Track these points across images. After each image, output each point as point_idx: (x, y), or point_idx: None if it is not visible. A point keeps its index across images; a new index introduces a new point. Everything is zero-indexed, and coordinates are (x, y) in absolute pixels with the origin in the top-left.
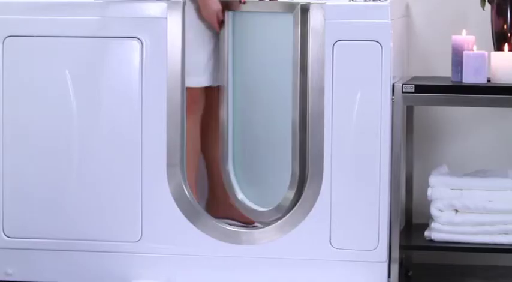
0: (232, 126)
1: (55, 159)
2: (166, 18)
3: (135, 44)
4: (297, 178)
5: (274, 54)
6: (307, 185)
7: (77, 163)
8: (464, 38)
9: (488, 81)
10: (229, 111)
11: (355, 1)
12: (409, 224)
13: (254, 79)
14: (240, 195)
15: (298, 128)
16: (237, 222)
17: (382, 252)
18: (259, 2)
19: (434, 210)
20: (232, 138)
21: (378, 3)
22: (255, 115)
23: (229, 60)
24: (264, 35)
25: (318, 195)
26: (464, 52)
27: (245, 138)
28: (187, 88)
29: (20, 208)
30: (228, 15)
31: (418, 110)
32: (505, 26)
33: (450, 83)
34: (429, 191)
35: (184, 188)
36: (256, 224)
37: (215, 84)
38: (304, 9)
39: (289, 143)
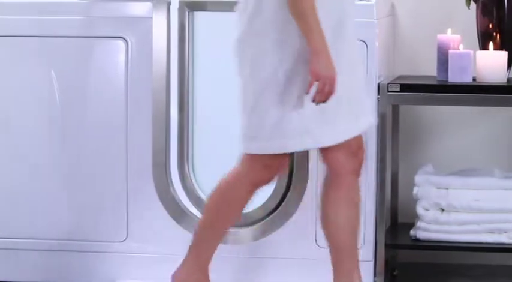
0: (192, 129)
1: (40, 159)
2: (152, 17)
3: (120, 43)
4: (283, 177)
5: None
6: (292, 183)
7: (62, 163)
8: (449, 37)
9: (474, 80)
10: (189, 114)
11: None
12: (395, 223)
13: (230, 81)
14: None
15: None
16: None
17: (367, 251)
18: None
19: (420, 209)
20: (195, 143)
21: (364, 2)
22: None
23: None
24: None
25: (304, 194)
26: (449, 51)
27: (218, 141)
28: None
29: (5, 208)
30: (193, 14)
31: (404, 109)
32: (490, 25)
33: (436, 82)
34: (415, 190)
35: (170, 187)
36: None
37: None
38: None
39: None
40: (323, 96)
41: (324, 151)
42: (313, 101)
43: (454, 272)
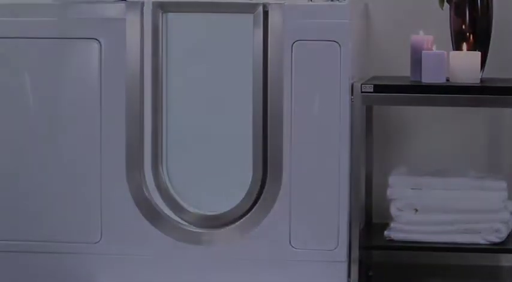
0: (166, 130)
1: (13, 160)
2: (125, 19)
3: (94, 45)
4: (257, 179)
5: (227, 56)
6: (266, 185)
7: (35, 164)
8: (423, 37)
9: (447, 80)
10: (163, 115)
11: (314, 1)
12: (369, 223)
13: (205, 83)
14: (191, 208)
15: (260, 128)
16: None
17: (342, 252)
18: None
19: (394, 210)
20: (168, 146)
21: (337, 3)
22: (207, 119)
23: (166, 63)
24: (214, 37)
25: (277, 195)
26: (423, 52)
27: (192, 142)
28: None
29: None
30: (167, 15)
31: (377, 110)
32: (464, 26)
33: (409, 83)
34: (389, 191)
35: (144, 188)
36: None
37: None
38: (264, 10)
39: (246, 144)
40: None
41: None
42: None
43: (429, 273)
